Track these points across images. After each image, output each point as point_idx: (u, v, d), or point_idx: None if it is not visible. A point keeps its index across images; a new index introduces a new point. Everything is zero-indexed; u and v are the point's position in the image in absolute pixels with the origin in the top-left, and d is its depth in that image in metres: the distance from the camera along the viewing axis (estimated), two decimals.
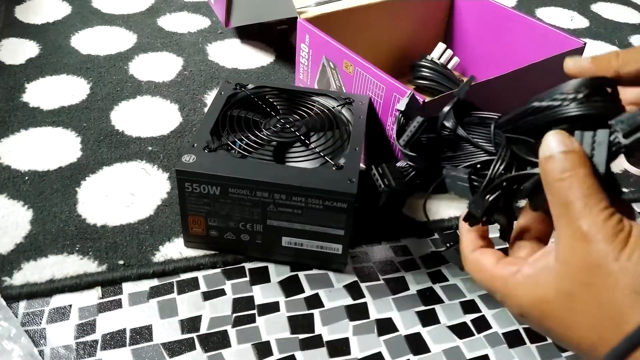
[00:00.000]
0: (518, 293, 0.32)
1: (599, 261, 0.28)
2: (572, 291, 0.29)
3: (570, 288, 0.29)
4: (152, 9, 0.96)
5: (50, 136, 0.65)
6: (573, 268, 0.29)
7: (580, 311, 0.29)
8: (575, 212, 0.29)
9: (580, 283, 0.29)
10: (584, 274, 0.29)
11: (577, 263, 0.29)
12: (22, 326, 0.45)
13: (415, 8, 0.76)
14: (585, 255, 0.29)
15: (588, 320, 0.29)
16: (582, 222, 0.29)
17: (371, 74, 0.58)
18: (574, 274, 0.29)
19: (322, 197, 0.46)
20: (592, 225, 0.29)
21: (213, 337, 0.46)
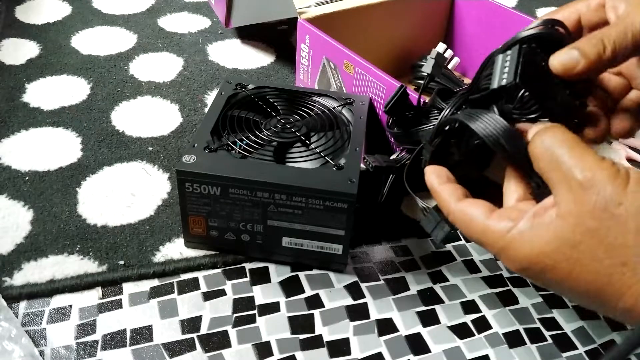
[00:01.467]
0: (516, 248, 0.31)
1: (605, 205, 0.28)
2: (577, 240, 0.29)
3: (574, 238, 0.29)
4: (152, 9, 0.96)
5: (50, 136, 0.65)
6: (576, 218, 0.29)
7: (586, 259, 0.28)
8: (567, 166, 0.29)
9: (586, 231, 0.28)
10: (590, 220, 0.28)
11: (580, 212, 0.29)
12: (23, 326, 0.45)
13: (416, 8, 0.76)
14: (588, 202, 0.28)
15: (596, 266, 0.28)
16: (577, 172, 0.29)
17: (371, 74, 0.58)
18: (579, 223, 0.29)
19: (322, 198, 0.46)
20: (587, 172, 0.29)
21: (213, 337, 0.46)
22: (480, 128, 0.32)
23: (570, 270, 0.29)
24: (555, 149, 0.30)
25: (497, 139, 0.32)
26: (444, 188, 0.35)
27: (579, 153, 0.29)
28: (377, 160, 0.51)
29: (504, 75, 0.32)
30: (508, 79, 0.32)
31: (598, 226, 0.28)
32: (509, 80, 0.32)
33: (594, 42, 0.32)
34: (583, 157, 0.29)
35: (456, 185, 0.35)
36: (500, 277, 0.53)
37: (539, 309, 0.50)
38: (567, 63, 0.32)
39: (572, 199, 0.29)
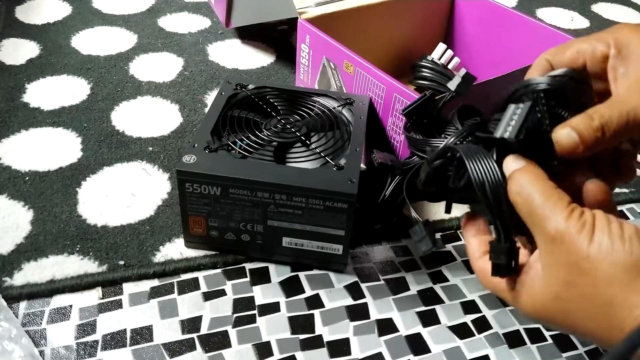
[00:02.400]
0: (521, 302, 0.34)
1: (575, 260, 0.30)
2: (561, 294, 0.31)
3: (558, 291, 0.31)
4: (152, 10, 0.96)
5: (50, 136, 0.65)
6: (554, 271, 0.31)
7: (574, 309, 0.31)
8: (541, 219, 0.32)
9: (565, 283, 0.31)
10: (566, 274, 0.31)
11: (556, 266, 0.31)
12: (23, 326, 0.45)
13: (416, 8, 0.76)
14: (560, 257, 0.31)
15: (584, 315, 0.31)
16: (548, 226, 0.31)
17: (372, 74, 0.58)
18: (556, 277, 0.31)
19: (322, 198, 0.46)
20: (556, 226, 0.31)
21: (213, 337, 0.46)
22: (473, 168, 0.34)
23: (566, 320, 0.32)
24: (531, 201, 0.32)
25: (484, 184, 0.34)
26: (471, 241, 0.39)
27: (551, 203, 0.32)
28: (384, 158, 0.51)
29: (508, 128, 0.34)
30: (510, 135, 0.34)
31: (574, 280, 0.30)
32: (510, 136, 0.34)
33: (594, 128, 0.33)
34: (554, 208, 0.31)
35: (484, 238, 0.39)
36: None
37: None
38: (566, 146, 0.34)
39: (549, 252, 0.32)
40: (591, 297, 0.30)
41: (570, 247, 0.30)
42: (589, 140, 0.33)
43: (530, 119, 0.34)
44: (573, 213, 0.31)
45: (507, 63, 0.70)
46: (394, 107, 0.56)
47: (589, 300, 0.30)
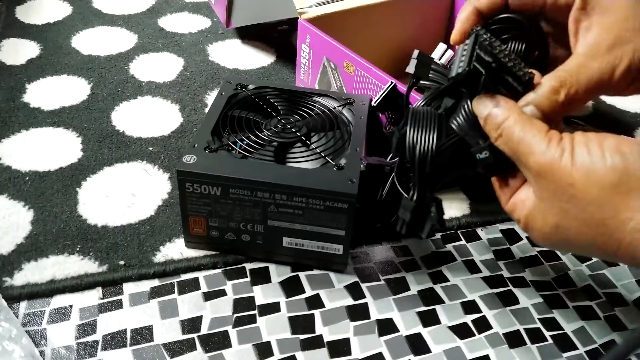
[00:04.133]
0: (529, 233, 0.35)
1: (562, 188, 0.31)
2: (559, 223, 0.32)
3: (556, 220, 0.32)
4: (152, 10, 0.96)
5: (51, 136, 0.65)
6: (548, 202, 0.32)
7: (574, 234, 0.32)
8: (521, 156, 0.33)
9: (559, 211, 0.32)
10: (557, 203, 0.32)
11: (548, 197, 0.32)
12: (23, 327, 0.45)
13: (416, 8, 0.76)
14: (549, 188, 0.32)
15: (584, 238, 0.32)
16: (530, 161, 0.32)
17: (372, 74, 0.58)
18: (551, 206, 0.32)
19: (322, 198, 0.46)
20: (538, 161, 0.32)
21: (214, 337, 0.46)
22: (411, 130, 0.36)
23: (570, 244, 0.33)
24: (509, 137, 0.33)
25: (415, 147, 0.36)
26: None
27: (530, 137, 0.32)
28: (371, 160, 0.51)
29: (460, 64, 0.34)
30: (463, 66, 0.34)
31: (565, 206, 0.31)
32: (464, 67, 0.34)
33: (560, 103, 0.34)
34: (533, 141, 0.32)
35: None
36: (500, 277, 0.53)
37: (540, 309, 0.50)
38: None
39: (538, 185, 0.33)
40: (585, 221, 0.31)
41: (555, 177, 0.31)
42: (553, 115, 0.34)
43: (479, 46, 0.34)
44: (551, 141, 0.32)
45: None
46: None
47: (584, 224, 0.31)
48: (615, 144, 0.30)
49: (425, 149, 0.35)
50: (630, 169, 0.29)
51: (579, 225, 0.31)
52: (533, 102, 0.34)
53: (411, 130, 0.36)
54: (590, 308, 0.51)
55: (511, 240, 0.57)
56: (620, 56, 0.33)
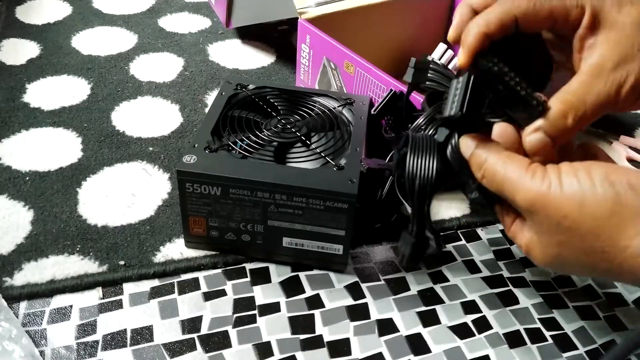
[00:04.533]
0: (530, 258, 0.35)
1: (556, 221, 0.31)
2: (558, 254, 0.33)
3: (555, 252, 0.33)
4: (152, 10, 0.96)
5: (51, 136, 0.65)
6: (544, 236, 0.33)
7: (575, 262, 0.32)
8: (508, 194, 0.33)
9: (558, 244, 0.32)
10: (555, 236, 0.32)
11: (543, 231, 0.32)
12: (23, 327, 0.45)
13: (416, 8, 0.76)
14: (543, 222, 0.32)
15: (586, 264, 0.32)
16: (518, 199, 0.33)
17: (372, 74, 0.58)
18: (550, 240, 0.32)
19: (322, 198, 0.46)
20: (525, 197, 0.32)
21: (214, 337, 0.46)
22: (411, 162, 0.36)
23: (573, 270, 0.33)
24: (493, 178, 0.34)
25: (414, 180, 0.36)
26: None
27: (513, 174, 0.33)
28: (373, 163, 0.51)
29: (453, 104, 0.34)
30: (456, 110, 0.34)
31: (563, 238, 0.32)
32: (456, 111, 0.34)
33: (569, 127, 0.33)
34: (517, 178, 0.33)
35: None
36: (500, 277, 0.53)
37: (540, 309, 0.50)
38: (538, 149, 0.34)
39: (532, 220, 0.33)
40: (584, 250, 0.31)
41: (547, 211, 0.31)
42: (562, 139, 0.34)
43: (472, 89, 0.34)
44: (535, 175, 0.32)
45: None
46: None
47: (583, 253, 0.31)
48: (603, 173, 0.30)
49: (424, 182, 0.36)
50: (621, 199, 0.29)
51: (579, 254, 0.31)
52: (542, 128, 0.34)
53: (411, 160, 0.36)
54: (590, 308, 0.51)
55: (511, 241, 0.57)
56: (625, 74, 0.33)
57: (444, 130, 0.36)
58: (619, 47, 0.33)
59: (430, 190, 0.36)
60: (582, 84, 0.33)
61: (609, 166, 0.31)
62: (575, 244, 0.31)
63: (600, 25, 0.34)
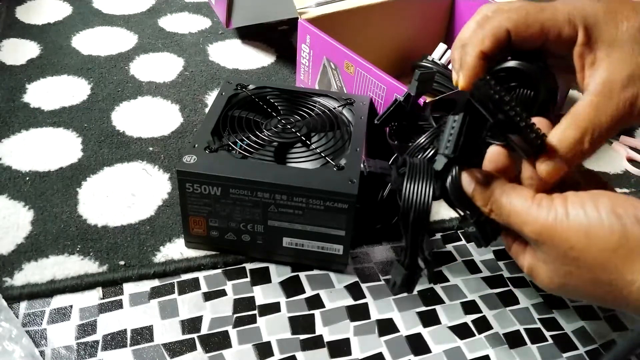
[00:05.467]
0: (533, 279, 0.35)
1: (563, 252, 0.31)
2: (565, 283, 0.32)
3: (561, 281, 0.33)
4: (152, 10, 0.96)
5: (51, 137, 0.65)
6: (551, 265, 0.33)
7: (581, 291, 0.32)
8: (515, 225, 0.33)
9: (565, 275, 0.32)
10: (562, 267, 0.32)
11: (551, 261, 0.32)
12: (23, 327, 0.45)
13: (416, 8, 0.76)
14: (550, 253, 0.32)
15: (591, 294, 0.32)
16: (525, 230, 0.32)
17: (372, 74, 0.58)
18: (557, 270, 0.32)
19: (323, 198, 0.46)
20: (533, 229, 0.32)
21: (214, 337, 0.46)
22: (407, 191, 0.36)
23: (579, 297, 0.34)
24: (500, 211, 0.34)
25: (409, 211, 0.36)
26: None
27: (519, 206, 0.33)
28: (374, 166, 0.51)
29: (448, 143, 0.34)
30: (449, 151, 0.34)
31: (569, 269, 0.31)
32: (449, 152, 0.34)
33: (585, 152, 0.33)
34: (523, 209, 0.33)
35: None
36: (500, 278, 0.53)
37: (540, 309, 0.50)
38: (555, 175, 0.33)
39: (539, 250, 0.33)
40: (591, 281, 0.31)
41: (554, 242, 0.31)
42: (577, 162, 0.34)
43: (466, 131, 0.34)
44: (541, 205, 0.32)
45: None
46: None
47: (590, 283, 0.31)
48: (610, 205, 0.30)
49: (420, 213, 0.36)
50: (628, 232, 0.29)
51: (586, 284, 0.31)
52: (559, 155, 0.33)
53: (408, 188, 0.36)
54: (590, 308, 0.51)
55: None
56: (636, 92, 0.32)
57: (442, 158, 0.35)
58: (625, 66, 0.33)
59: (426, 221, 0.36)
60: (593, 106, 0.33)
61: (615, 197, 0.31)
62: (582, 274, 0.31)
63: (598, 42, 0.34)
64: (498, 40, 0.35)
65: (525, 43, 0.36)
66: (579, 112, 0.33)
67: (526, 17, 0.35)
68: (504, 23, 0.35)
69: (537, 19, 0.35)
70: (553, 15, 0.34)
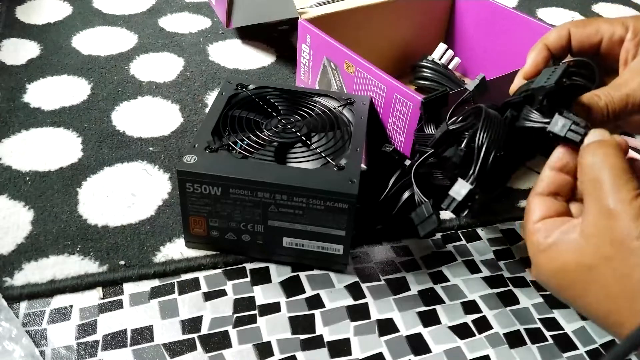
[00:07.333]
0: (541, 263, 0.34)
1: (622, 238, 0.30)
2: (593, 264, 0.31)
3: (591, 261, 0.31)
4: (153, 10, 0.96)
5: (51, 137, 0.65)
6: (596, 242, 0.31)
7: (599, 283, 0.31)
8: (604, 191, 0.31)
9: (602, 257, 0.31)
10: (607, 248, 0.30)
11: (600, 238, 0.31)
12: (23, 327, 0.45)
13: (417, 8, 0.76)
14: (609, 231, 0.30)
15: (606, 292, 0.30)
16: (610, 200, 0.31)
17: (372, 74, 0.58)
18: (597, 248, 0.31)
19: (323, 198, 0.46)
20: (618, 203, 0.30)
21: (214, 337, 0.46)
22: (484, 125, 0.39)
23: (583, 291, 0.32)
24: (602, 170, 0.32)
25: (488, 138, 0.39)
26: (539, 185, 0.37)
27: (621, 183, 0.31)
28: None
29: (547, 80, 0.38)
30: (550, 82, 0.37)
31: (614, 255, 0.30)
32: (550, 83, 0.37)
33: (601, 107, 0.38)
34: (621, 188, 0.31)
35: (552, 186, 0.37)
36: (501, 277, 0.53)
37: (540, 309, 0.50)
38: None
39: (596, 223, 0.31)
40: (622, 278, 0.30)
41: (623, 226, 0.30)
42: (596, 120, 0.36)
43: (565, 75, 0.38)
44: (637, 199, 0.31)
45: (507, 63, 0.70)
46: (395, 107, 0.56)
47: (619, 280, 0.30)
48: None
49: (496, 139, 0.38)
50: None
51: (613, 277, 0.30)
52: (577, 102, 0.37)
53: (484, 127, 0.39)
54: None
55: (511, 240, 0.57)
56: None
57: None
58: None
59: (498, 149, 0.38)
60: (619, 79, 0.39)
61: None
62: (620, 267, 0.30)
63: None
64: (560, 36, 0.43)
65: (583, 43, 0.42)
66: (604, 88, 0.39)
67: (585, 21, 0.43)
68: (567, 25, 0.43)
69: (593, 22, 0.42)
70: (608, 21, 0.42)
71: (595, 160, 0.33)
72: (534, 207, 0.35)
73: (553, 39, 0.43)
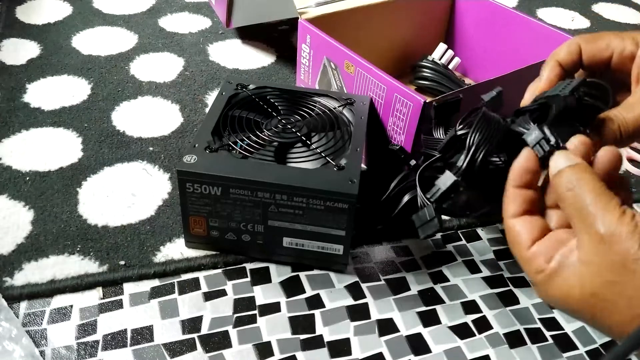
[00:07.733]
0: (546, 288, 0.33)
1: (622, 261, 0.29)
2: (596, 291, 0.30)
3: (594, 288, 0.30)
4: (153, 10, 0.96)
5: (51, 136, 0.65)
6: (596, 269, 0.30)
7: (608, 308, 0.30)
8: (590, 217, 0.31)
9: (606, 282, 0.30)
10: (608, 273, 0.30)
11: (600, 264, 0.30)
12: (23, 327, 0.45)
13: (417, 8, 0.76)
14: (607, 256, 0.30)
15: (616, 315, 0.30)
16: (599, 225, 0.30)
17: (372, 74, 0.58)
18: (598, 275, 0.30)
19: (323, 198, 0.46)
20: (607, 226, 0.30)
21: (214, 337, 0.46)
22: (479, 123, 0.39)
23: (592, 316, 0.31)
24: (582, 197, 0.32)
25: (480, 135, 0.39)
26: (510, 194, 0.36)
27: (603, 203, 0.31)
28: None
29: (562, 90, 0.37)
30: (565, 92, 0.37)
31: (617, 280, 0.29)
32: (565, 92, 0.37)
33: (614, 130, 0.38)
34: (606, 208, 0.31)
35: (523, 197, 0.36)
36: (501, 277, 0.53)
37: (540, 309, 0.50)
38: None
39: (593, 250, 0.31)
40: (630, 299, 0.29)
41: (620, 248, 0.29)
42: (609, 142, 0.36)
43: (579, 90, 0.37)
44: (625, 215, 0.30)
45: (507, 63, 0.70)
46: (395, 107, 0.56)
47: (627, 302, 0.29)
48: None
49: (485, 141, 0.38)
50: None
51: (621, 300, 0.29)
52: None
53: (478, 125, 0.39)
54: None
55: None
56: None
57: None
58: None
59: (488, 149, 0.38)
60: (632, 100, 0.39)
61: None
62: (626, 289, 0.29)
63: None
64: (570, 51, 0.42)
65: (593, 58, 0.42)
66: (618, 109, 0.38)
67: (595, 35, 0.42)
68: (576, 39, 0.43)
69: (604, 36, 0.42)
70: (619, 35, 0.41)
71: (572, 188, 0.32)
72: (519, 230, 0.35)
73: (564, 55, 0.43)
